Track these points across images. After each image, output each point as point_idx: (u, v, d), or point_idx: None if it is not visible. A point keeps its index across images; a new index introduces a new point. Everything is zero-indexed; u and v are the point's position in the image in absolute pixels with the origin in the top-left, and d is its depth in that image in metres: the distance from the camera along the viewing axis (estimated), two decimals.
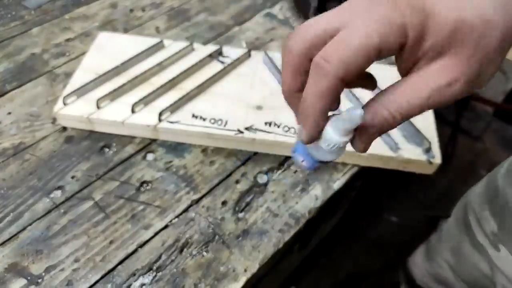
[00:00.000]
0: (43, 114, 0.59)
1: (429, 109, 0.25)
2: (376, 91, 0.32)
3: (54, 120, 0.59)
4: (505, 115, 1.61)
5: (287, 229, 0.50)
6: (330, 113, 0.27)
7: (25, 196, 0.51)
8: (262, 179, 0.54)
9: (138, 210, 0.50)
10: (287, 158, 0.57)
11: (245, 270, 0.46)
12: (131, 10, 0.78)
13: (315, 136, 0.27)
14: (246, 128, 0.55)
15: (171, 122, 0.56)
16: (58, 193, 0.51)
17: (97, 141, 0.57)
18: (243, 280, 0.45)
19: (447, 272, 0.71)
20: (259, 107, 0.58)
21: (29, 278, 0.44)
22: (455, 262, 0.68)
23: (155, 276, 0.45)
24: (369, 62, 0.24)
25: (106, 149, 0.56)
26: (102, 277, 0.45)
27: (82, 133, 0.58)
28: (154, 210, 0.50)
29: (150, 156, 0.56)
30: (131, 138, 0.57)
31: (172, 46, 0.66)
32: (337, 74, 0.24)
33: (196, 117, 0.56)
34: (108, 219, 0.49)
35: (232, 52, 0.66)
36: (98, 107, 0.56)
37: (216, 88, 0.61)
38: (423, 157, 0.54)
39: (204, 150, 0.57)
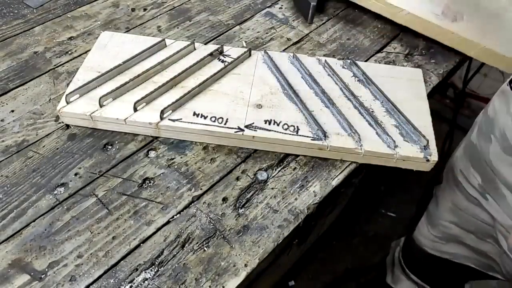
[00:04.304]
0: (46, 112, 0.60)
1: None
2: None
3: (57, 118, 0.59)
4: None
5: (286, 225, 0.50)
6: None
7: (28, 193, 0.52)
8: (262, 176, 0.55)
9: (141, 206, 0.51)
10: (287, 155, 0.57)
11: (245, 265, 0.47)
12: (133, 10, 0.78)
13: None
14: (246, 126, 0.56)
15: (173, 120, 0.56)
16: (61, 190, 0.52)
17: (100, 138, 0.58)
18: (243, 274, 0.46)
19: (454, 229, 0.76)
20: (259, 106, 0.59)
21: (32, 273, 0.45)
22: (458, 219, 0.73)
23: (157, 271, 0.46)
24: None
25: (109, 147, 0.57)
26: (105, 272, 0.46)
27: (85, 131, 0.58)
28: (156, 207, 0.51)
29: (152, 154, 0.56)
30: (134, 135, 0.58)
31: (174, 45, 0.66)
32: None
33: (197, 115, 0.57)
34: (111, 216, 0.50)
35: (232, 51, 0.67)
36: (101, 105, 0.57)
37: (217, 86, 0.62)
38: (420, 155, 0.55)
39: (205, 147, 0.58)
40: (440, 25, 0.69)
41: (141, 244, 0.48)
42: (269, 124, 0.57)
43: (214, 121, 0.57)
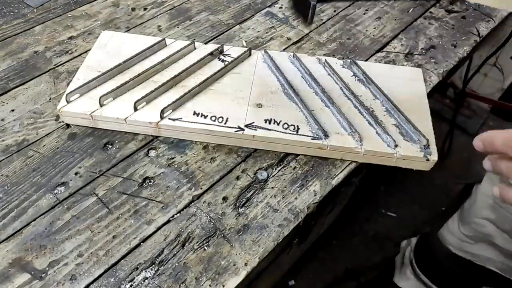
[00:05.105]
0: (46, 112, 0.60)
1: None
2: None
3: (57, 117, 0.60)
4: (501, 112, 1.62)
5: (287, 224, 0.50)
6: None
7: (28, 192, 0.52)
8: (262, 175, 0.55)
9: (141, 205, 0.51)
10: (287, 155, 0.58)
11: (246, 264, 0.47)
12: (133, 9, 0.78)
13: None
14: (246, 125, 0.56)
15: (173, 120, 0.56)
16: (61, 189, 0.52)
17: (100, 138, 0.58)
18: (243, 274, 0.46)
19: (488, 227, 0.75)
20: (259, 105, 0.59)
21: (33, 273, 0.45)
22: (496, 217, 0.72)
23: (158, 270, 0.46)
24: None
25: (109, 146, 0.57)
26: (105, 271, 0.46)
27: (85, 130, 0.58)
28: (156, 206, 0.51)
29: (152, 153, 0.57)
30: (134, 135, 0.58)
31: (174, 45, 0.67)
32: None
33: (198, 114, 0.57)
34: (111, 215, 0.50)
35: (232, 51, 0.67)
36: (101, 105, 0.57)
37: (217, 86, 0.62)
38: (420, 154, 0.55)
39: (205, 147, 0.58)
40: None
41: (142, 243, 0.48)
42: (269, 123, 0.57)
43: (214, 121, 0.57)
